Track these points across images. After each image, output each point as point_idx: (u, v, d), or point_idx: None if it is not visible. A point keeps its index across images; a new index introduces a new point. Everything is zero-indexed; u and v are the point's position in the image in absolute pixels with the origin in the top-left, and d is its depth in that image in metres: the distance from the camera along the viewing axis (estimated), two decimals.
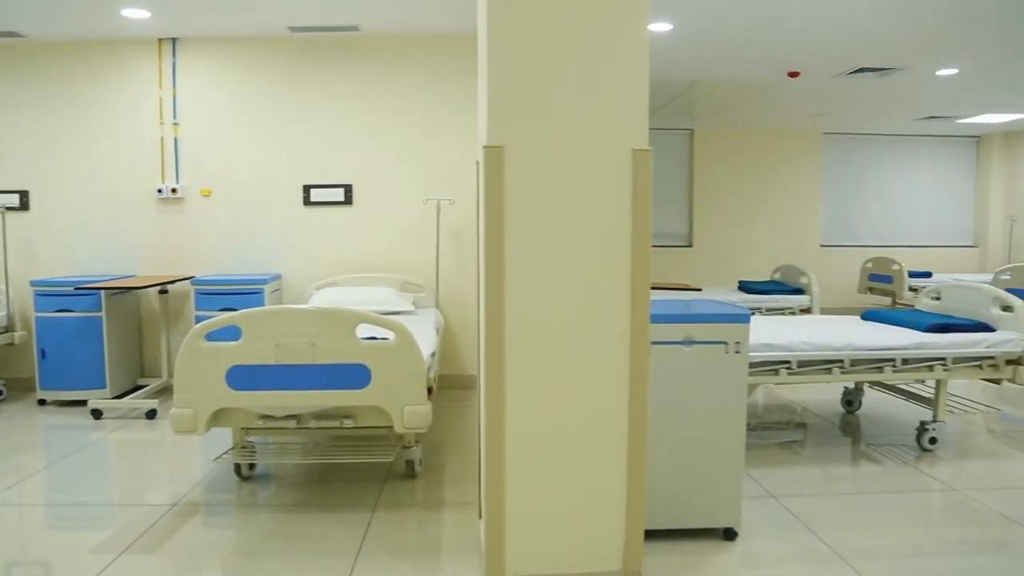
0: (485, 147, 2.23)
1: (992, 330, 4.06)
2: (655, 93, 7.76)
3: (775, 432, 4.59)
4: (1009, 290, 6.88)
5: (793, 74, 6.76)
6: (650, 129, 8.46)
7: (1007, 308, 4.13)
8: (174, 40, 5.47)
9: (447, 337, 5.64)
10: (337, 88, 5.53)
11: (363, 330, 3.37)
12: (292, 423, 3.31)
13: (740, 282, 7.61)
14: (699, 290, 6.93)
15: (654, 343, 2.75)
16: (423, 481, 3.65)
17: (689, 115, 9.40)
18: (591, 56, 2.24)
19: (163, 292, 5.42)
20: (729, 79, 6.99)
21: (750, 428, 4.63)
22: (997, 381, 4.10)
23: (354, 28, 5.27)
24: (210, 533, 3.03)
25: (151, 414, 4.82)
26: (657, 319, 2.73)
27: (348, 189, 5.57)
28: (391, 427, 3.17)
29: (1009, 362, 4.00)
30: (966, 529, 3.12)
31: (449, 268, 5.60)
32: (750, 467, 3.82)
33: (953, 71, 6.64)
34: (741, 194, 10.54)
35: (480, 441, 2.53)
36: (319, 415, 3.29)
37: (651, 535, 2.91)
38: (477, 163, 2.48)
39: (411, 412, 3.10)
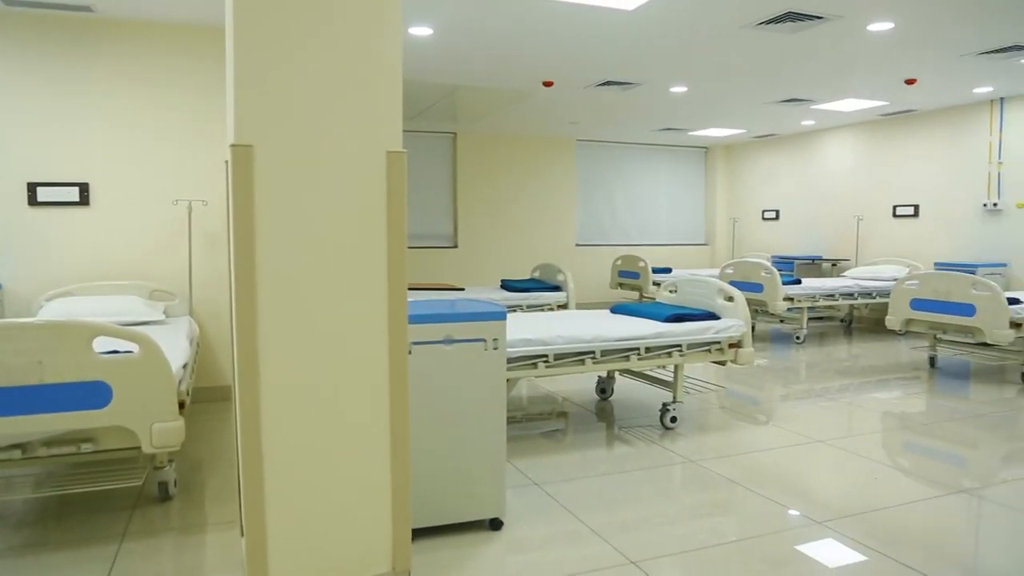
0: (233, 146, 2.13)
1: (718, 318, 4.59)
2: (418, 96, 7.85)
3: (538, 423, 4.84)
4: (732, 282, 7.84)
5: (547, 83, 7.16)
6: (413, 131, 8.47)
7: (730, 298, 4.68)
8: None
9: (204, 346, 5.29)
10: (70, 75, 4.96)
11: (102, 344, 3.07)
12: (17, 453, 2.93)
13: (502, 281, 7.92)
14: (462, 289, 7.12)
15: (414, 343, 2.79)
16: (179, 503, 3.40)
17: (452, 119, 9.62)
18: (343, 56, 2.21)
19: None
20: (489, 85, 7.25)
21: (515, 420, 4.83)
22: (723, 363, 4.64)
23: (87, 8, 4.77)
24: None
25: None
26: (416, 319, 2.77)
27: (84, 188, 5.03)
28: (139, 447, 2.92)
29: (731, 345, 4.55)
30: (701, 495, 3.50)
31: (204, 273, 5.26)
32: (515, 458, 4.00)
33: (683, 88, 7.40)
34: (503, 196, 10.98)
35: (238, 454, 2.41)
36: (51, 441, 2.94)
37: (420, 533, 2.94)
38: (227, 162, 2.36)
39: (161, 430, 2.87)
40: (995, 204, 8.04)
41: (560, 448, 4.24)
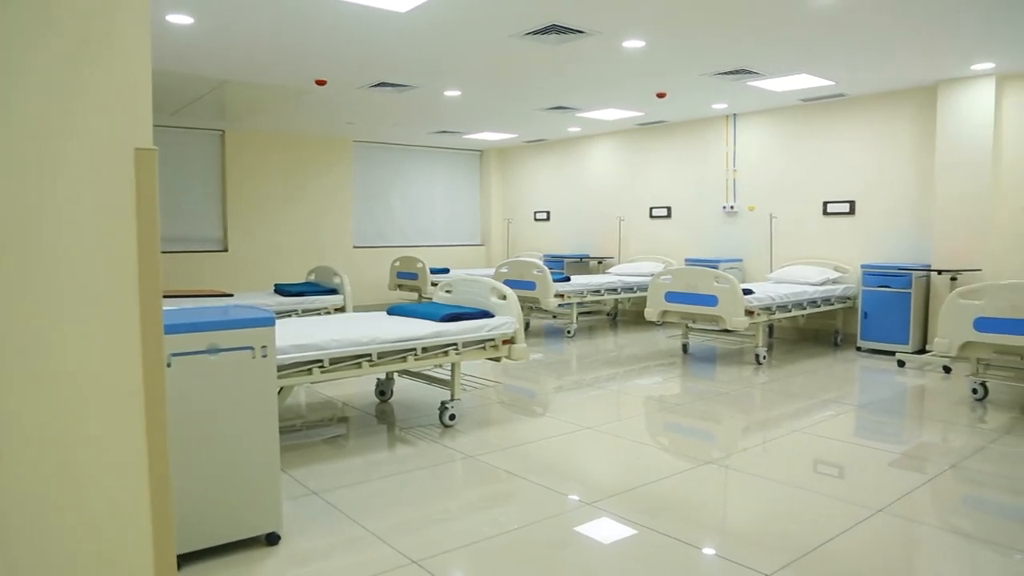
0: None
1: (492, 316, 4.74)
2: (179, 89, 7.32)
3: (318, 429, 4.71)
4: (507, 281, 8.12)
5: (320, 82, 6.98)
6: (175, 127, 7.84)
7: (503, 297, 4.85)
8: None
9: None
10: None
11: None
12: None
13: (276, 285, 7.62)
14: (231, 295, 6.74)
15: (174, 355, 2.59)
16: None
17: (221, 115, 9.07)
18: (78, 39, 2.00)
19: None
20: (259, 81, 6.92)
21: (293, 429, 4.66)
22: (498, 359, 4.79)
23: None
24: None
25: None
26: (175, 329, 2.57)
27: None
28: None
29: (505, 342, 4.71)
30: (482, 488, 3.60)
31: None
32: (294, 467, 3.85)
33: (457, 93, 7.55)
34: (277, 197, 10.56)
35: None
36: None
37: (189, 558, 2.74)
38: None
39: None
40: (732, 207, 9.06)
41: (341, 454, 4.16)
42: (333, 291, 7.44)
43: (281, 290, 7.34)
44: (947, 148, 6.99)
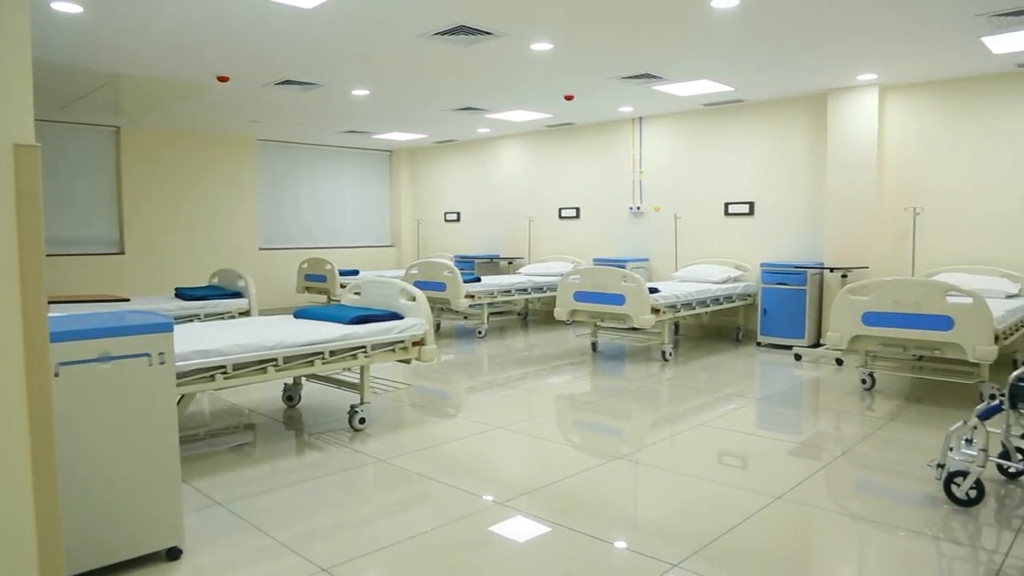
0: None
1: (401, 318, 4.70)
2: (69, 83, 6.95)
3: (223, 438, 4.55)
4: (418, 282, 8.07)
5: (223, 79, 6.75)
6: (64, 123, 7.44)
7: (412, 298, 4.81)
8: None
9: None
10: None
11: None
12: None
13: (177, 289, 7.33)
14: (127, 300, 6.43)
15: (62, 364, 2.45)
16: None
17: (115, 111, 8.65)
18: None
19: None
20: (157, 76, 6.63)
21: (197, 438, 4.50)
22: (408, 361, 4.75)
23: None
24: None
25: None
26: (63, 337, 2.43)
27: None
28: None
29: (415, 343, 4.68)
30: (394, 492, 3.56)
31: None
32: (197, 478, 3.72)
33: (365, 92, 7.45)
34: (178, 197, 10.16)
35: None
36: None
37: None
38: None
39: None
40: (638, 207, 9.28)
41: (247, 462, 4.03)
42: (238, 294, 7.21)
43: (182, 294, 7.07)
44: (836, 153, 7.38)
